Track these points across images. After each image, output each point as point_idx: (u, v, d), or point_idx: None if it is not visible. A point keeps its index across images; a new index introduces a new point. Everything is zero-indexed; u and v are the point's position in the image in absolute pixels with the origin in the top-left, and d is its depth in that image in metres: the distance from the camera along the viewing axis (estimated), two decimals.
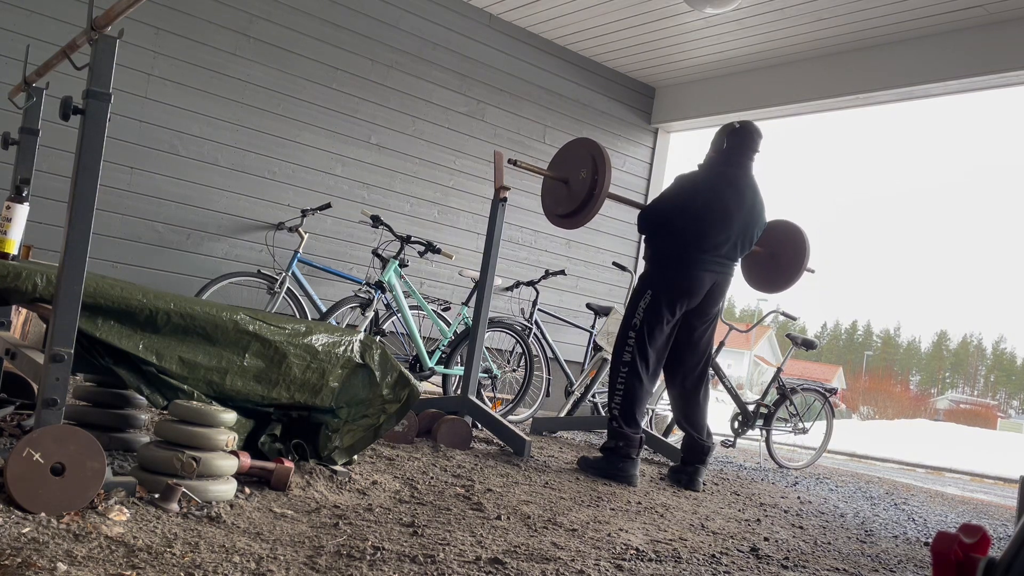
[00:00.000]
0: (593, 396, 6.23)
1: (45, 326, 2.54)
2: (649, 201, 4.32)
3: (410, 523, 2.38)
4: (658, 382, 6.11)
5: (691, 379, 4.25)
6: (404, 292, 5.41)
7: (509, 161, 4.31)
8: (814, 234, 4.90)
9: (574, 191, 4.21)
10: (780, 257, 4.76)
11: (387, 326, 5.44)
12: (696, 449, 4.18)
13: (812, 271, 4.79)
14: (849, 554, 3.05)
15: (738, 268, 4.37)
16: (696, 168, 4.29)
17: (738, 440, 5.95)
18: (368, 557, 1.98)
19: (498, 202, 4.41)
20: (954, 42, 5.95)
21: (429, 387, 5.79)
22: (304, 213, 5.55)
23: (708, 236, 4.04)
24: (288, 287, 5.19)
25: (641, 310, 4.09)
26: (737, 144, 4.19)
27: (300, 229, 5.48)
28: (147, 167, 5.24)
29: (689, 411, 4.26)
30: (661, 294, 4.07)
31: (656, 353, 4.12)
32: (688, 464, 4.15)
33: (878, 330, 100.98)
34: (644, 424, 5.71)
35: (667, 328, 4.12)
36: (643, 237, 4.38)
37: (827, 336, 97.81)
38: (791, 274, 4.70)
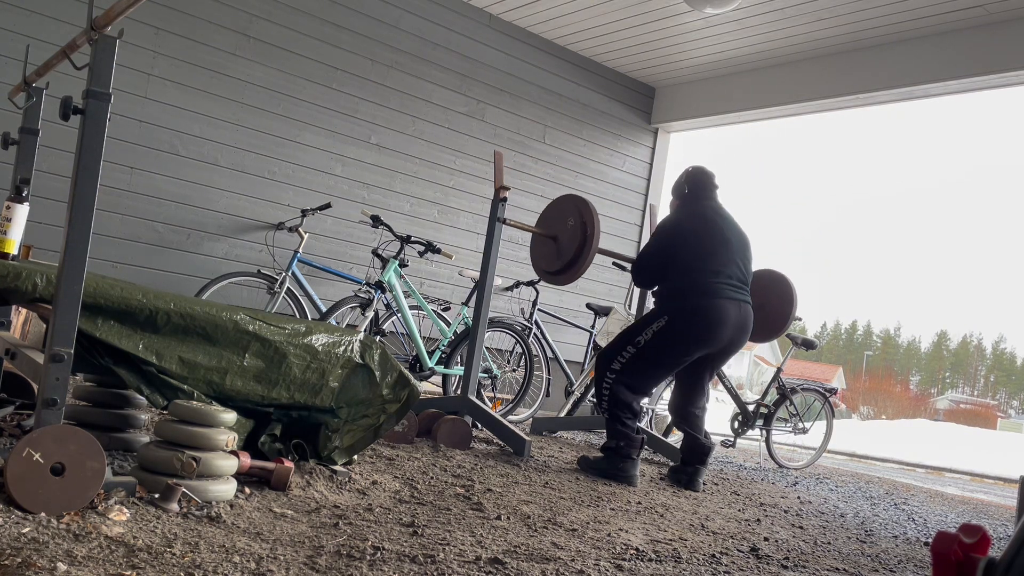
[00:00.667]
0: (593, 396, 6.23)
1: (45, 326, 2.54)
2: (642, 251, 4.29)
3: (410, 523, 2.38)
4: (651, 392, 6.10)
5: (701, 384, 4.27)
6: (404, 292, 5.41)
7: (499, 220, 4.25)
8: (814, 233, 4.92)
9: (563, 248, 4.18)
10: (767, 307, 4.85)
11: (387, 326, 5.44)
12: (697, 449, 4.18)
13: (800, 319, 4.90)
14: (849, 554, 3.06)
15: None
16: (673, 212, 4.34)
17: (738, 440, 5.95)
18: (368, 557, 1.98)
19: (498, 202, 4.41)
20: (954, 42, 5.95)
21: (429, 387, 5.79)
22: (304, 213, 5.55)
23: (712, 259, 4.01)
24: (288, 287, 5.20)
25: (651, 331, 3.99)
26: (697, 183, 4.27)
27: (300, 229, 5.48)
28: (147, 167, 5.24)
29: (689, 412, 4.26)
30: (678, 323, 3.95)
31: (648, 380, 4.06)
32: (688, 464, 4.15)
33: (878, 330, 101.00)
34: (644, 423, 5.71)
35: (677, 359, 4.04)
36: (646, 291, 4.34)
37: (827, 336, 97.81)
38: (779, 324, 4.81)
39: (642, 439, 4.01)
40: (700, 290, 3.96)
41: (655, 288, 4.24)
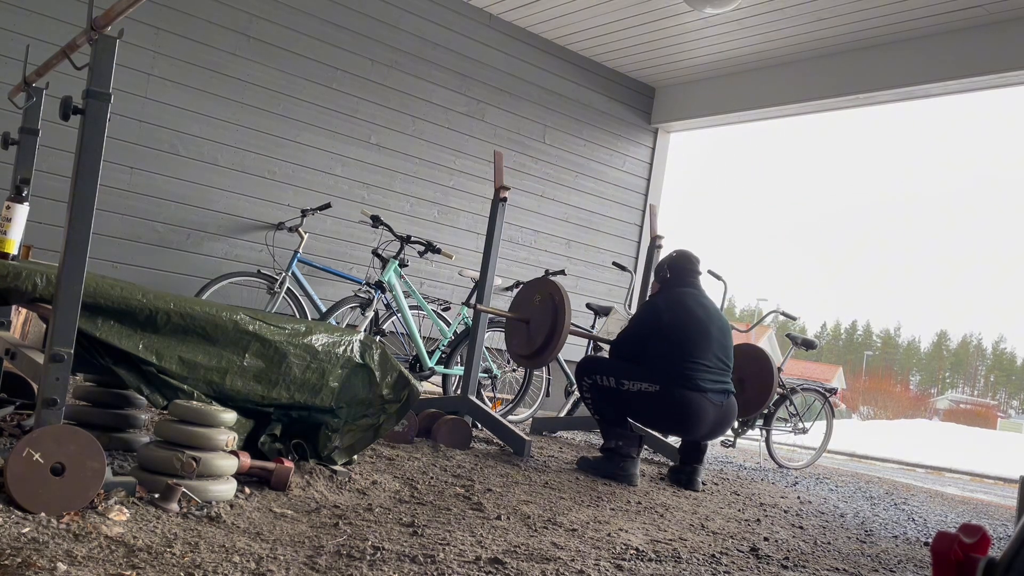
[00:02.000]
0: None
1: (45, 326, 2.54)
2: (620, 335, 4.30)
3: (410, 523, 2.38)
4: None
5: None
6: (404, 292, 5.41)
7: (468, 304, 4.24)
8: (814, 233, 4.95)
9: (534, 332, 4.18)
10: (746, 382, 4.87)
11: (387, 326, 5.44)
12: (692, 449, 4.18)
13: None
14: (849, 554, 3.06)
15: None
16: (652, 296, 4.39)
17: (738, 440, 5.95)
18: (368, 557, 1.98)
19: (498, 202, 4.41)
20: (954, 42, 5.95)
21: (429, 387, 5.79)
22: (304, 213, 5.55)
23: (692, 348, 3.98)
24: (288, 287, 5.19)
25: (640, 387, 3.95)
26: (680, 268, 4.29)
27: (300, 229, 5.48)
28: (147, 167, 5.24)
29: None
30: (662, 402, 3.93)
31: (618, 418, 4.05)
32: (686, 464, 4.16)
33: (878, 330, 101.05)
34: None
35: (644, 424, 4.18)
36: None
37: (827, 336, 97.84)
38: (759, 399, 4.87)
39: (640, 436, 4.02)
40: (681, 381, 3.92)
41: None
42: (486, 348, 5.57)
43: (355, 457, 2.89)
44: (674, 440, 5.45)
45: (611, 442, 3.97)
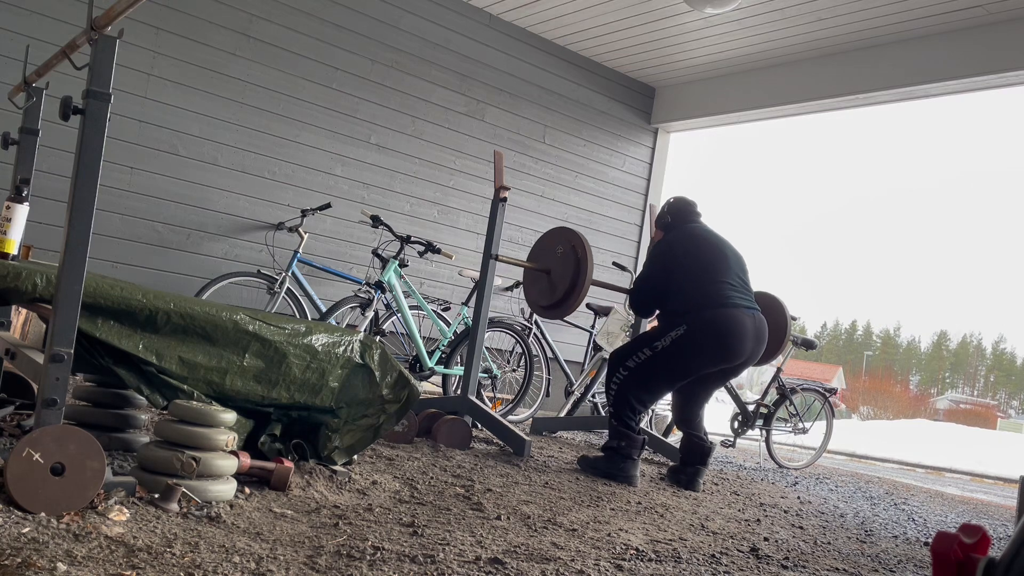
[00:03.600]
0: (593, 396, 6.24)
1: (45, 326, 2.54)
2: (637, 278, 4.25)
3: (410, 523, 2.38)
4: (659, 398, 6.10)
5: (702, 395, 4.27)
6: (404, 292, 5.41)
7: (491, 256, 4.21)
8: (814, 233, 4.94)
9: (556, 282, 4.12)
10: None
11: (387, 326, 5.44)
12: (697, 450, 4.16)
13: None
14: (849, 554, 3.06)
15: None
16: (658, 242, 4.29)
17: (738, 440, 5.95)
18: (368, 557, 1.98)
19: (498, 202, 4.41)
20: (954, 42, 5.95)
21: (429, 387, 5.79)
22: (304, 213, 5.55)
23: (713, 271, 3.96)
24: (288, 287, 5.19)
25: (670, 338, 3.89)
26: (680, 210, 4.25)
27: (300, 229, 5.48)
28: (147, 167, 5.24)
29: (690, 412, 4.26)
30: (697, 334, 3.86)
31: (662, 381, 4.01)
32: (688, 464, 4.13)
33: (878, 330, 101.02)
34: (644, 423, 5.71)
35: (692, 370, 3.97)
36: (647, 317, 4.24)
37: (827, 336, 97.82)
38: (775, 347, 4.76)
39: (643, 439, 4.00)
40: (711, 301, 3.87)
41: (656, 313, 4.18)
42: (486, 348, 5.57)
43: (355, 457, 2.89)
44: (675, 440, 5.45)
45: (614, 442, 3.95)
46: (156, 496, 2.09)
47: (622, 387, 4.00)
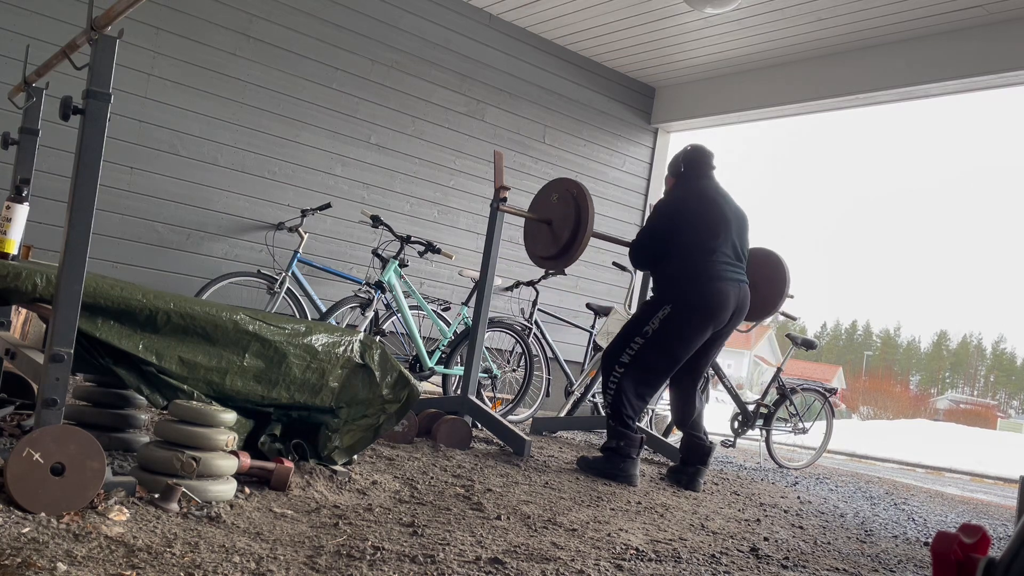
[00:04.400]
0: (593, 396, 6.23)
1: (45, 326, 2.54)
2: (640, 232, 4.26)
3: (410, 523, 2.38)
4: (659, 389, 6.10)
5: (696, 381, 4.26)
6: (404, 292, 5.41)
7: (492, 206, 4.22)
8: (814, 233, 4.95)
9: (557, 233, 4.11)
10: (760, 285, 4.78)
11: (387, 326, 5.44)
12: (698, 450, 4.15)
13: (792, 296, 4.85)
14: (849, 554, 3.05)
15: None
16: (670, 190, 4.30)
17: (738, 440, 5.95)
18: (368, 557, 1.98)
19: (498, 202, 4.41)
20: (954, 42, 5.95)
21: (429, 387, 5.79)
22: (304, 213, 5.55)
23: (712, 239, 3.98)
24: (288, 287, 5.19)
25: (658, 320, 3.95)
26: (694, 162, 4.23)
27: (300, 229, 5.48)
28: (147, 167, 5.24)
29: (690, 412, 4.25)
30: (683, 310, 3.94)
31: (661, 368, 4.02)
32: (689, 464, 4.13)
33: (878, 330, 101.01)
34: (644, 423, 5.71)
35: (687, 344, 3.98)
36: (644, 273, 4.25)
37: (827, 336, 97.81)
38: (772, 302, 4.73)
39: (642, 439, 3.99)
40: (701, 275, 3.95)
41: (651, 269, 4.20)
42: (486, 348, 5.57)
43: (355, 457, 2.89)
44: (675, 440, 5.45)
45: (613, 442, 3.95)
46: (156, 496, 2.09)
47: (621, 386, 3.99)
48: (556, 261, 4.17)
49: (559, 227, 4.11)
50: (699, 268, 3.96)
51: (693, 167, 4.22)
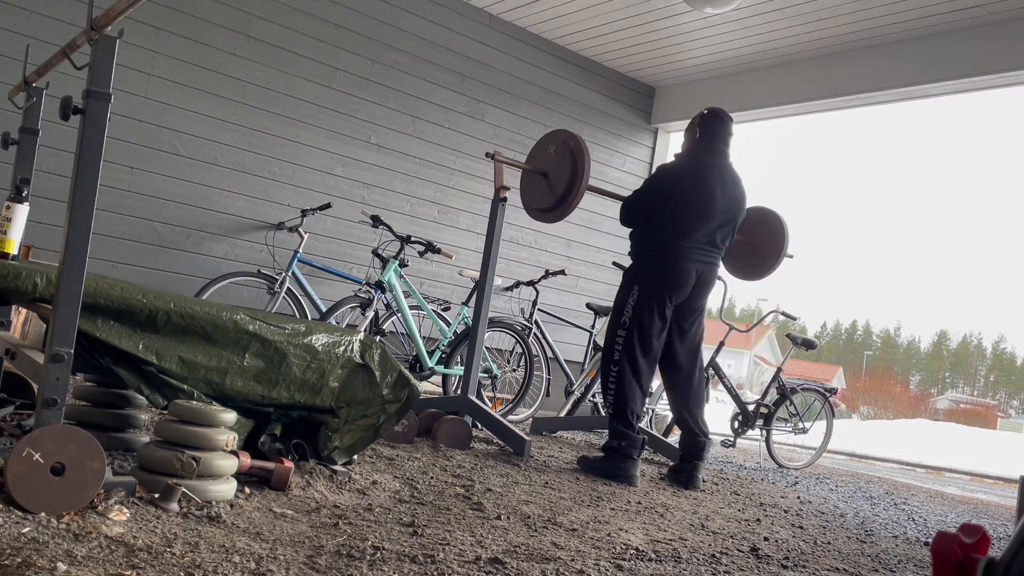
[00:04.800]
0: (593, 396, 6.24)
1: (45, 326, 2.54)
2: (630, 193, 4.32)
3: (410, 523, 2.38)
4: (655, 381, 6.11)
5: (685, 374, 4.26)
6: (404, 292, 5.41)
7: (487, 154, 4.27)
8: (814, 233, 4.96)
9: (553, 184, 4.13)
10: (758, 244, 4.72)
11: (387, 326, 5.44)
12: (693, 446, 4.17)
13: (791, 256, 4.76)
14: (849, 554, 3.05)
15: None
16: (675, 158, 4.29)
17: (738, 440, 5.95)
18: (368, 557, 1.98)
19: (498, 202, 4.41)
20: (954, 42, 5.95)
21: (429, 387, 5.79)
22: (304, 213, 5.55)
23: (691, 226, 4.03)
24: (288, 287, 5.19)
25: (630, 307, 4.09)
26: (710, 130, 4.17)
27: (300, 229, 5.48)
28: (147, 167, 5.24)
29: (686, 407, 4.26)
30: (650, 290, 4.06)
31: (648, 352, 4.09)
32: (687, 462, 4.14)
33: (878, 330, 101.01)
34: (644, 423, 5.71)
35: (659, 324, 4.09)
36: (629, 232, 4.35)
37: (827, 336, 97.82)
38: (771, 261, 4.67)
39: (643, 439, 4.00)
40: (667, 255, 4.06)
41: (635, 228, 4.25)
42: (486, 348, 5.57)
43: (355, 457, 2.89)
44: (675, 440, 5.45)
45: (614, 442, 3.96)
46: (156, 496, 2.09)
47: (620, 383, 4.04)
48: (552, 213, 4.17)
49: (555, 179, 4.12)
50: (667, 249, 4.06)
51: (706, 137, 4.17)
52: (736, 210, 4.17)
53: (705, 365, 6.09)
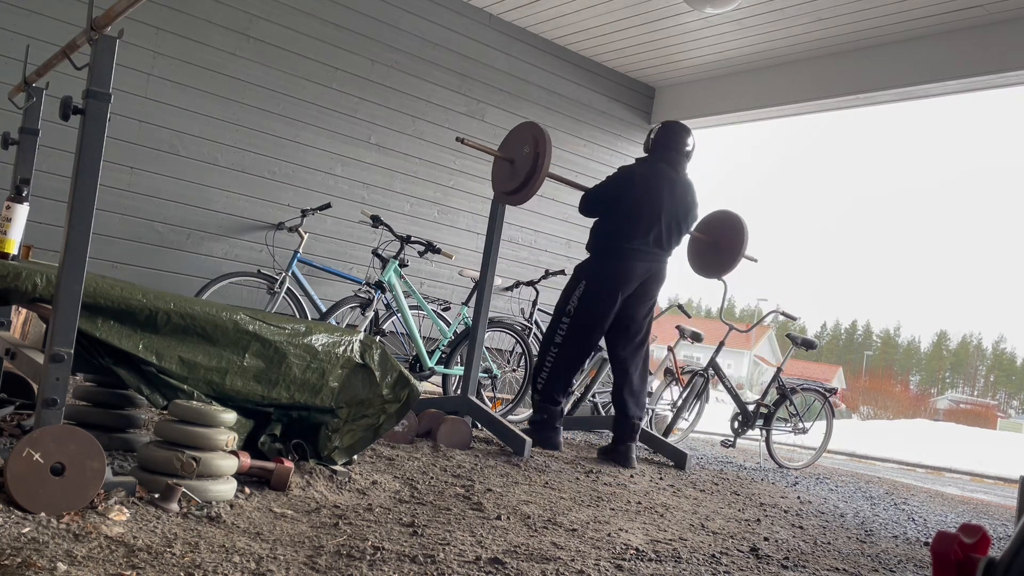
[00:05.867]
0: (593, 396, 6.23)
1: (45, 326, 2.54)
2: (593, 186, 4.73)
3: (410, 523, 2.38)
4: (654, 381, 6.12)
5: (631, 360, 4.60)
6: (404, 292, 5.41)
7: (457, 139, 4.55)
8: (814, 233, 5.03)
9: (518, 169, 4.48)
10: (721, 244, 5.08)
11: (387, 326, 5.44)
12: (627, 427, 4.51)
13: (754, 260, 5.12)
14: (849, 554, 3.06)
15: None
16: (634, 162, 4.69)
17: (738, 440, 5.95)
18: (368, 557, 1.98)
19: (498, 202, 4.42)
20: (954, 42, 5.95)
21: (429, 387, 5.79)
22: (304, 213, 5.55)
23: (638, 228, 4.41)
24: (288, 287, 5.19)
25: (576, 298, 4.49)
26: (665, 140, 4.59)
27: (300, 229, 5.48)
28: (147, 167, 5.24)
29: (628, 389, 4.58)
30: (597, 284, 4.45)
31: (586, 342, 4.49)
32: (620, 442, 4.48)
33: (878, 330, 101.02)
34: (644, 424, 5.71)
35: (601, 319, 4.47)
36: (585, 217, 4.74)
37: (827, 336, 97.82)
38: (730, 260, 5.03)
39: (562, 410, 4.54)
40: (614, 253, 4.45)
41: (591, 218, 4.67)
42: (486, 348, 5.57)
43: (355, 457, 2.89)
44: (675, 439, 5.45)
45: (538, 415, 4.50)
46: (156, 496, 2.09)
47: (555, 366, 4.48)
48: (517, 195, 4.51)
49: (520, 165, 4.46)
50: (614, 247, 4.45)
51: (658, 147, 4.60)
52: (683, 215, 4.57)
53: (705, 365, 6.11)
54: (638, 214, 4.42)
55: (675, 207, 4.50)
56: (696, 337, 6.17)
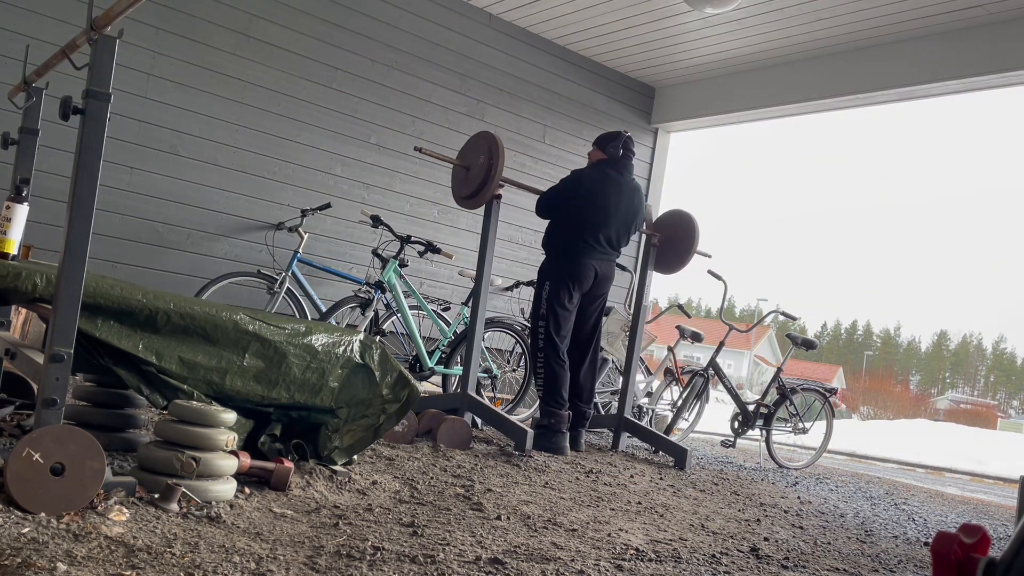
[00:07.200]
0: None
1: (45, 326, 2.54)
2: (550, 188, 4.91)
3: (410, 523, 2.38)
4: (654, 381, 6.12)
5: (583, 351, 4.84)
6: (404, 292, 5.41)
7: (415, 148, 4.78)
8: (814, 233, 5.06)
9: (473, 177, 4.67)
10: (675, 242, 5.39)
11: (387, 326, 5.44)
12: (578, 414, 4.77)
13: (708, 255, 5.44)
14: (849, 554, 3.05)
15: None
16: (585, 167, 4.93)
17: (738, 440, 5.95)
18: (368, 557, 1.98)
19: (492, 201, 4.45)
20: (954, 42, 5.95)
21: (429, 387, 5.79)
22: (304, 213, 5.55)
23: (589, 228, 4.67)
24: (288, 287, 5.19)
25: (544, 301, 4.72)
26: (615, 148, 4.81)
27: (300, 229, 5.48)
28: (147, 167, 5.24)
29: (576, 380, 4.81)
30: (558, 283, 4.69)
31: (563, 335, 4.73)
32: (572, 428, 4.70)
33: (878, 330, 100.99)
34: (645, 423, 5.71)
35: (570, 309, 4.75)
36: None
37: (827, 336, 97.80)
38: (684, 256, 5.32)
39: (568, 414, 4.63)
40: (570, 252, 4.70)
41: (546, 229, 4.89)
42: (486, 348, 5.57)
43: (355, 457, 2.89)
44: (676, 439, 5.45)
45: (544, 420, 4.56)
46: (156, 496, 2.09)
47: (547, 370, 4.64)
48: (472, 200, 4.69)
49: (474, 173, 4.67)
50: (569, 247, 4.71)
51: (611, 154, 4.81)
52: (631, 219, 4.83)
53: (705, 365, 6.11)
54: (589, 216, 4.67)
55: (623, 211, 4.76)
56: (696, 337, 6.17)
